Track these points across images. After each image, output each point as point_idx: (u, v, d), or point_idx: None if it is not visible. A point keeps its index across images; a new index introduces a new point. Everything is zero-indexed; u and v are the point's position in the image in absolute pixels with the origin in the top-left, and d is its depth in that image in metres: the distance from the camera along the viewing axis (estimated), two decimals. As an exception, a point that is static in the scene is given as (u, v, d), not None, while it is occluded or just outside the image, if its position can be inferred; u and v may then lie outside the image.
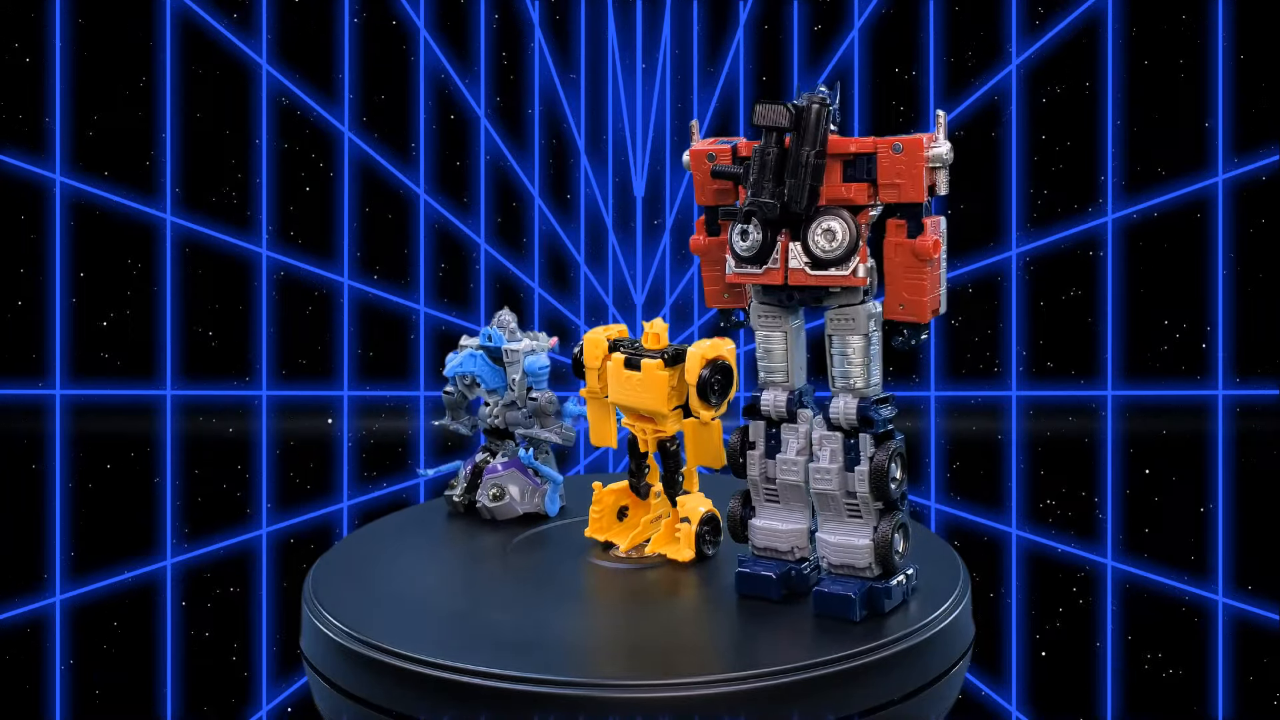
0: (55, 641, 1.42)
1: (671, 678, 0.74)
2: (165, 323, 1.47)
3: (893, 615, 0.82)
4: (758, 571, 0.85)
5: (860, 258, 0.79)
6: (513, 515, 1.06)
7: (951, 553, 0.97)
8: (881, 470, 0.80)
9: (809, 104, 0.78)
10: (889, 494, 0.81)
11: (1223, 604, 1.43)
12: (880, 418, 0.82)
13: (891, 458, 0.81)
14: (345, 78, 1.50)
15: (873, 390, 0.83)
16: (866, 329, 0.82)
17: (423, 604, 0.87)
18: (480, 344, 1.06)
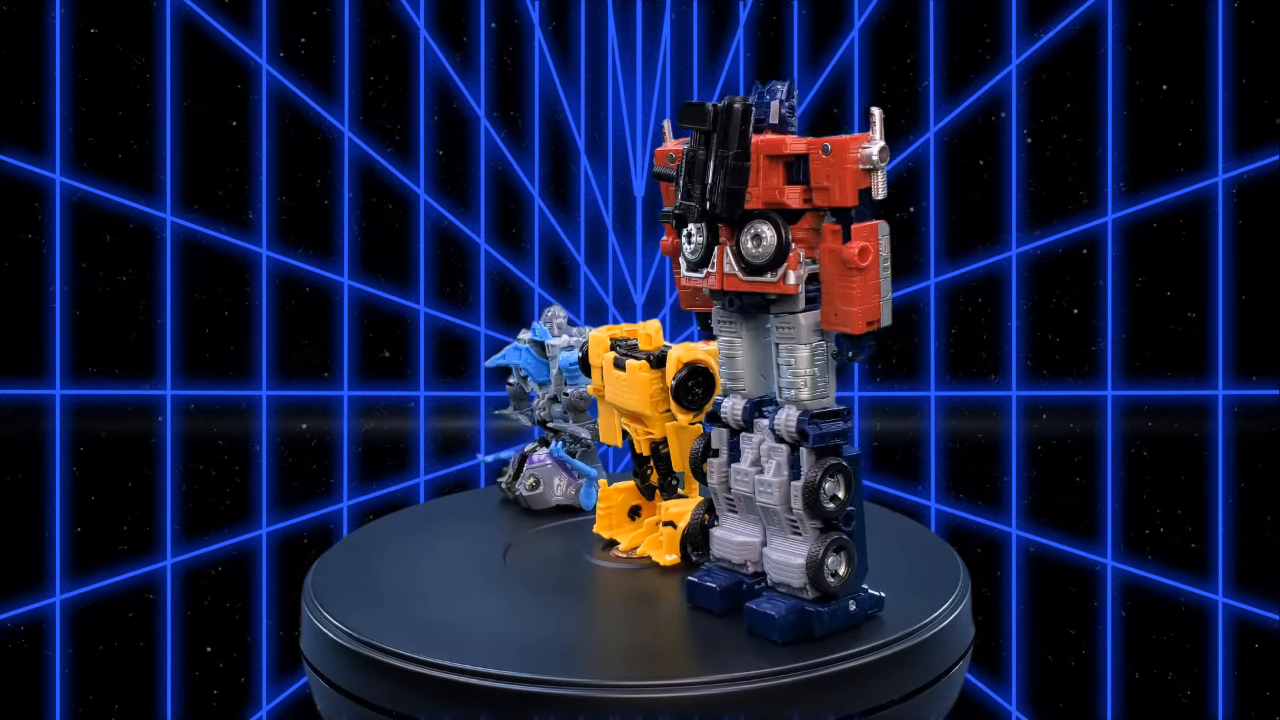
0: (55, 641, 1.42)
1: (671, 678, 0.74)
2: (165, 323, 1.47)
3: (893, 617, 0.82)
4: (704, 581, 0.84)
5: (790, 264, 0.76)
6: (546, 505, 1.07)
7: (951, 553, 0.97)
8: (812, 486, 0.76)
9: (729, 104, 0.75)
10: (823, 512, 0.77)
11: (1223, 604, 1.43)
12: (817, 431, 0.77)
13: (828, 474, 0.77)
14: (345, 78, 1.50)
15: (819, 402, 0.78)
16: (810, 339, 0.77)
17: (423, 604, 0.87)
18: (530, 338, 1.08)
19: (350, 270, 1.51)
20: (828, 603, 0.79)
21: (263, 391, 1.49)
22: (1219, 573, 1.44)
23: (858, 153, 0.74)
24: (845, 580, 0.79)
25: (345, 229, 1.51)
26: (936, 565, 0.93)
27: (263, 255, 1.49)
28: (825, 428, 0.77)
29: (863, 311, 0.75)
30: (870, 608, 0.81)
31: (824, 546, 0.77)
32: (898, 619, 0.81)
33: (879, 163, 0.75)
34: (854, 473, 0.78)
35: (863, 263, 0.75)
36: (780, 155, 0.76)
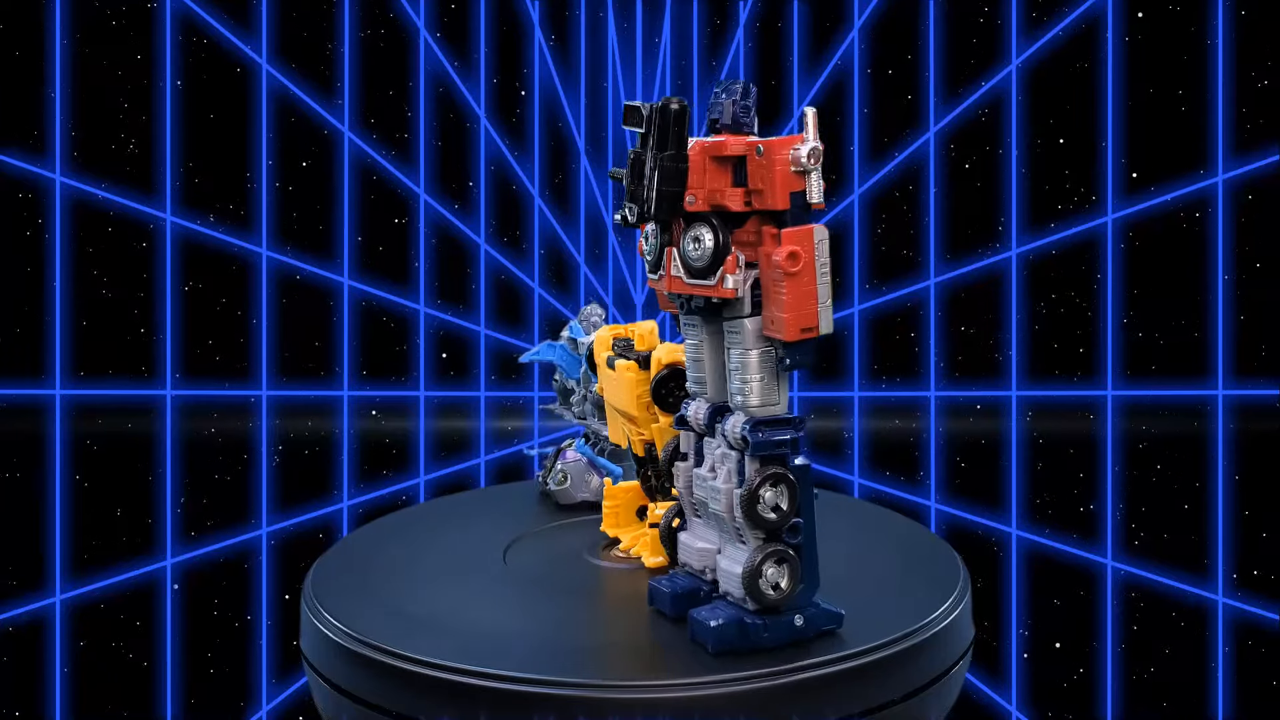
0: (55, 641, 1.42)
1: (671, 678, 0.74)
2: (165, 323, 1.47)
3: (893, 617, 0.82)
4: (660, 585, 0.83)
5: (727, 268, 0.74)
6: (572, 501, 1.07)
7: (951, 553, 0.97)
8: (749, 494, 0.75)
9: (664, 104, 0.74)
10: (761, 521, 0.75)
11: (1223, 604, 1.43)
12: (758, 439, 0.75)
13: (769, 482, 0.75)
14: (345, 78, 1.50)
15: (767, 410, 0.76)
16: (756, 344, 0.75)
17: (422, 604, 0.87)
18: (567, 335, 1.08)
19: (350, 270, 1.51)
20: (769, 615, 0.77)
21: (263, 391, 1.49)
22: (1219, 573, 1.44)
23: (788, 154, 0.73)
24: (788, 594, 0.76)
25: (345, 229, 1.51)
26: (936, 565, 0.93)
27: (263, 255, 1.49)
28: (770, 435, 0.75)
29: (796, 318, 0.73)
30: (824, 624, 0.78)
31: (762, 557, 0.76)
32: (898, 619, 0.81)
33: (809, 165, 0.73)
34: (800, 484, 0.76)
35: (792, 268, 0.72)
36: (723, 156, 0.75)
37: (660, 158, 0.74)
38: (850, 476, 1.54)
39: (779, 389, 0.76)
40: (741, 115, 0.76)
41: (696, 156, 0.75)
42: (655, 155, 0.75)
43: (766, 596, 0.76)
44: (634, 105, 0.76)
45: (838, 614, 0.79)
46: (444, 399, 1.54)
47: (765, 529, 0.76)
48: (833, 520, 1.07)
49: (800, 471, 0.76)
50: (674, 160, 0.75)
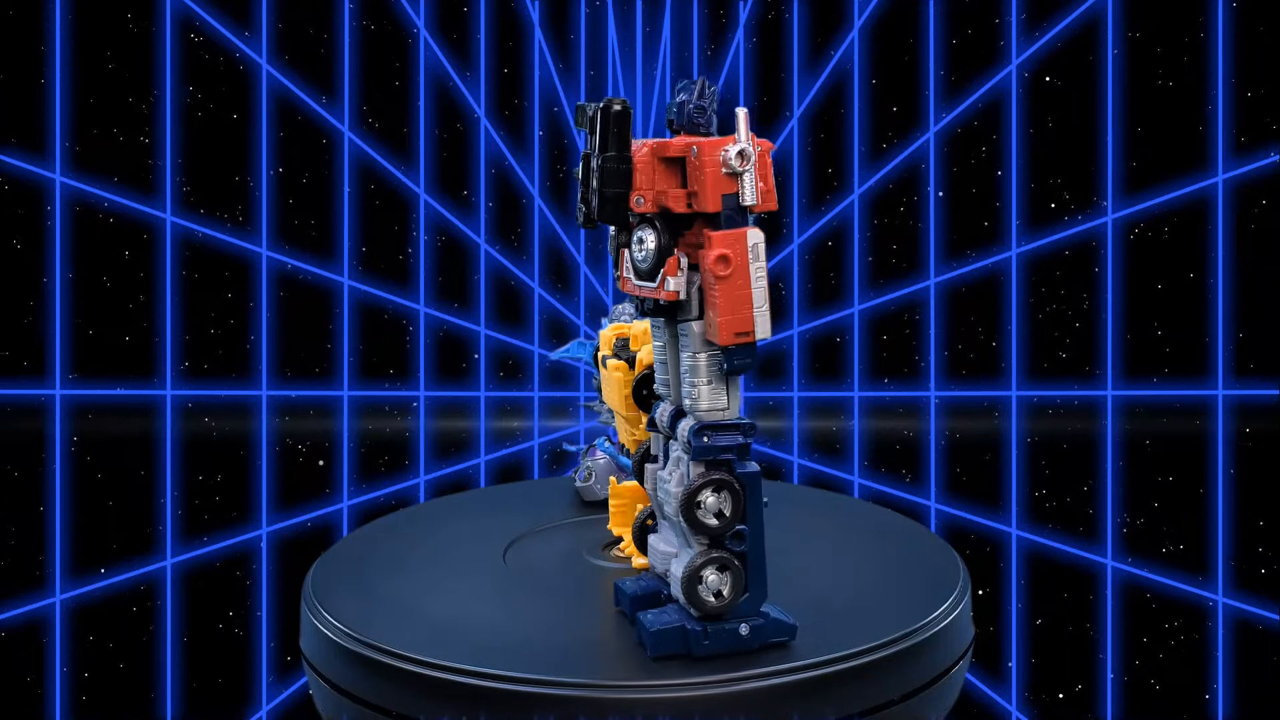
0: (55, 641, 1.42)
1: (671, 678, 0.74)
2: (165, 323, 1.47)
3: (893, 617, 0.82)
4: (623, 585, 0.83)
5: (668, 270, 0.74)
6: (595, 498, 1.08)
7: (951, 553, 0.97)
8: (686, 497, 0.74)
9: (606, 105, 0.74)
10: (700, 525, 0.75)
11: (1223, 604, 1.43)
12: (700, 444, 0.74)
13: (709, 487, 0.74)
14: (345, 78, 1.50)
15: (715, 414, 0.75)
16: (703, 348, 0.74)
17: (422, 604, 0.87)
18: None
19: (350, 270, 1.51)
20: (712, 623, 0.76)
21: (263, 391, 1.49)
22: (1219, 573, 1.44)
23: (719, 156, 0.72)
24: (730, 602, 0.76)
25: (345, 229, 1.51)
26: (936, 565, 0.93)
27: (263, 255, 1.49)
28: (715, 440, 0.74)
29: (730, 322, 0.72)
30: (773, 635, 0.77)
31: (702, 562, 0.75)
32: (898, 619, 0.81)
33: (738, 166, 0.72)
34: (746, 491, 0.75)
35: (721, 271, 0.72)
36: (669, 157, 0.74)
37: (602, 159, 0.74)
38: (850, 476, 1.54)
39: (728, 393, 0.75)
40: (696, 115, 0.75)
41: (646, 157, 0.74)
42: (597, 157, 0.74)
43: (706, 603, 0.75)
44: (582, 106, 0.76)
45: (789, 625, 0.77)
46: (444, 399, 1.54)
47: (707, 534, 0.75)
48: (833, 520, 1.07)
49: (748, 478, 0.75)
50: (615, 162, 0.74)
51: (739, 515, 0.75)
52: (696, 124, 0.75)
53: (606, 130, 0.74)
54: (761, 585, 0.77)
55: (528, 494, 1.16)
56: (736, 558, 0.76)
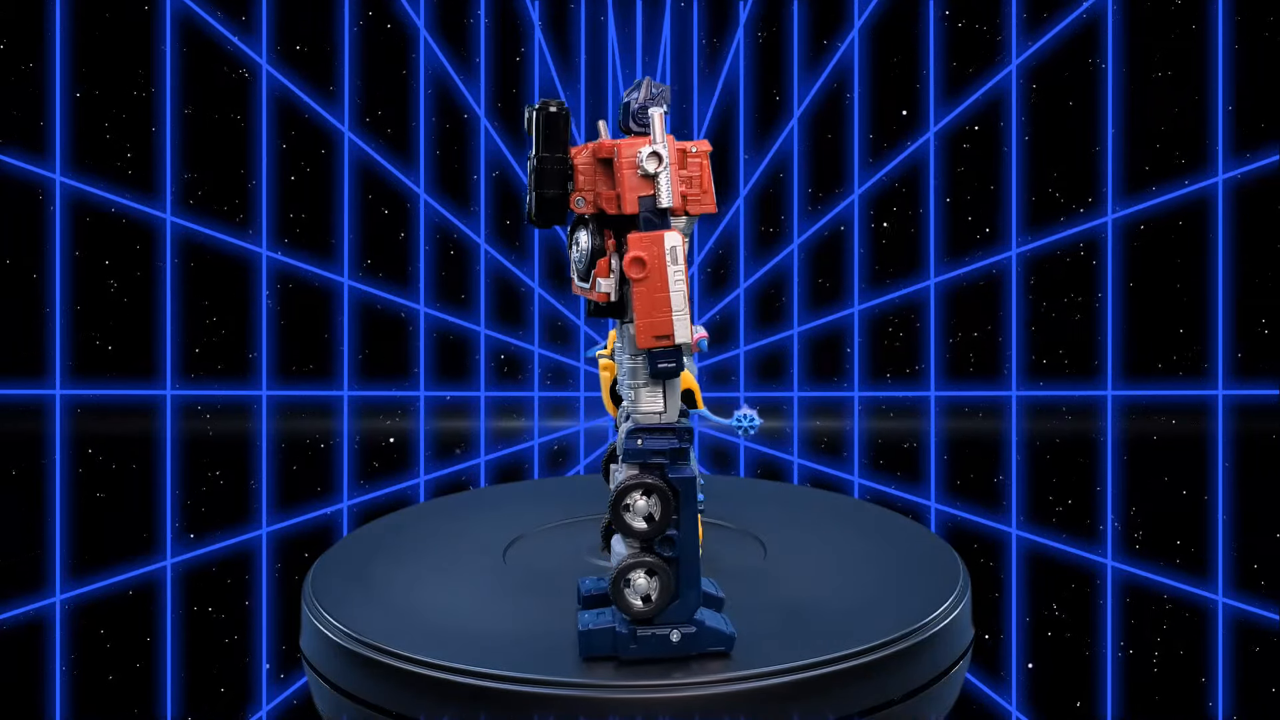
0: (55, 641, 1.42)
1: (671, 678, 0.74)
2: (165, 323, 1.47)
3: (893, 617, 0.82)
4: (584, 583, 0.83)
5: (598, 272, 0.74)
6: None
7: (951, 553, 0.97)
8: (615, 499, 0.74)
9: (542, 106, 0.73)
10: (628, 528, 0.75)
11: (1223, 604, 1.43)
12: (631, 446, 0.74)
13: (639, 490, 0.74)
14: (345, 78, 1.50)
15: (650, 417, 0.75)
16: (637, 350, 0.75)
17: (422, 604, 0.87)
18: None
19: (350, 270, 1.51)
20: (642, 627, 0.76)
21: (263, 391, 1.49)
22: (1219, 573, 1.44)
23: (633, 158, 0.72)
24: (657, 607, 0.75)
25: (345, 229, 1.51)
26: (936, 565, 0.94)
27: (263, 255, 1.49)
28: (648, 443, 0.74)
29: (647, 325, 0.72)
30: (709, 644, 0.76)
31: (629, 565, 0.75)
32: (898, 619, 0.81)
33: (650, 168, 0.72)
34: (677, 496, 0.75)
35: (637, 274, 0.72)
36: (604, 159, 0.74)
37: (537, 160, 0.74)
38: (850, 476, 1.54)
39: (663, 396, 0.75)
40: (640, 115, 0.75)
41: (587, 159, 0.74)
42: (532, 158, 0.74)
43: (632, 606, 0.75)
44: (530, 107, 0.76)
45: (727, 635, 0.77)
46: (444, 399, 1.54)
47: (637, 538, 0.75)
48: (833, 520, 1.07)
49: (681, 483, 0.75)
50: (549, 163, 0.74)
51: (669, 520, 0.75)
52: (643, 124, 0.75)
53: (541, 132, 0.74)
54: (694, 593, 0.76)
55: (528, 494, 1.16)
56: (667, 563, 0.75)
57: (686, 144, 0.74)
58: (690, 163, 0.74)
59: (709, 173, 0.74)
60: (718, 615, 0.78)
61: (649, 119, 0.74)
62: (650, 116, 0.72)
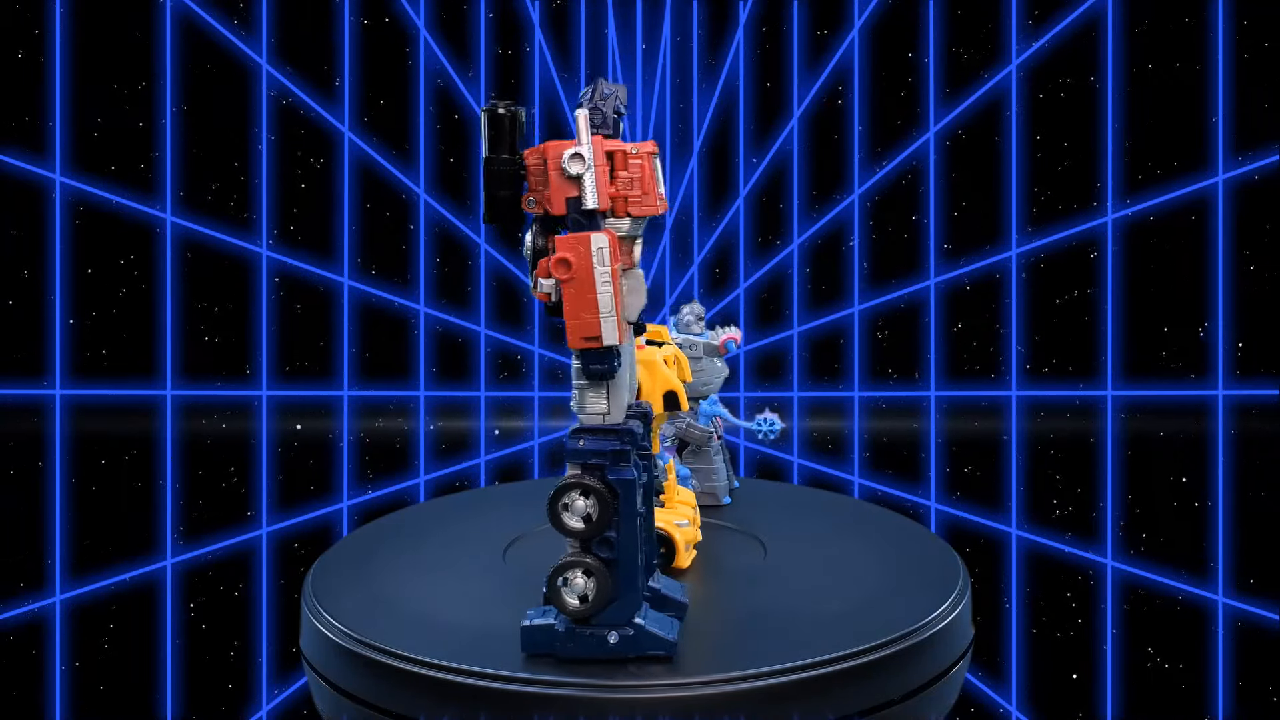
0: (55, 641, 1.42)
1: (671, 678, 0.74)
2: (165, 323, 1.47)
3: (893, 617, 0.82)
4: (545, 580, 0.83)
5: (539, 272, 0.73)
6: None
7: (951, 553, 0.97)
8: (551, 498, 0.74)
9: (491, 109, 0.74)
10: (562, 526, 0.75)
11: (1223, 604, 1.43)
12: (571, 446, 0.74)
13: (574, 490, 0.74)
14: (345, 78, 1.50)
15: (592, 418, 0.75)
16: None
17: (422, 604, 0.87)
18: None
19: (350, 270, 1.51)
20: (579, 626, 0.76)
21: (263, 391, 1.49)
22: (1219, 573, 1.44)
23: (559, 159, 0.72)
24: (594, 608, 0.75)
25: (345, 229, 1.51)
26: (936, 565, 0.93)
27: (263, 255, 1.49)
28: (589, 444, 0.75)
29: (575, 326, 0.72)
30: (648, 648, 0.76)
31: (565, 564, 0.75)
32: (898, 619, 0.81)
33: (571, 170, 0.72)
34: (615, 498, 0.74)
35: (563, 275, 0.72)
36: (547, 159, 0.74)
37: (487, 160, 0.74)
38: (850, 476, 1.54)
39: (605, 397, 0.75)
40: (592, 116, 0.75)
41: (537, 160, 0.75)
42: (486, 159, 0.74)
43: (568, 605, 0.75)
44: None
45: (667, 641, 0.76)
46: (444, 399, 1.54)
47: (575, 538, 0.75)
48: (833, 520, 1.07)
49: (621, 485, 0.74)
50: (497, 164, 0.74)
51: (607, 522, 0.75)
52: (593, 125, 0.75)
53: (487, 133, 0.74)
54: (632, 595, 0.76)
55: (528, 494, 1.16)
56: (605, 564, 0.75)
57: (628, 144, 0.75)
58: (631, 164, 0.74)
59: (651, 173, 0.74)
60: (667, 620, 0.78)
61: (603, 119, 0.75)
62: (576, 118, 0.72)
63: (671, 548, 0.92)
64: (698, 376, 1.07)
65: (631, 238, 0.77)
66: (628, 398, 0.77)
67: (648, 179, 0.74)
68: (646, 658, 0.77)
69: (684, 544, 0.92)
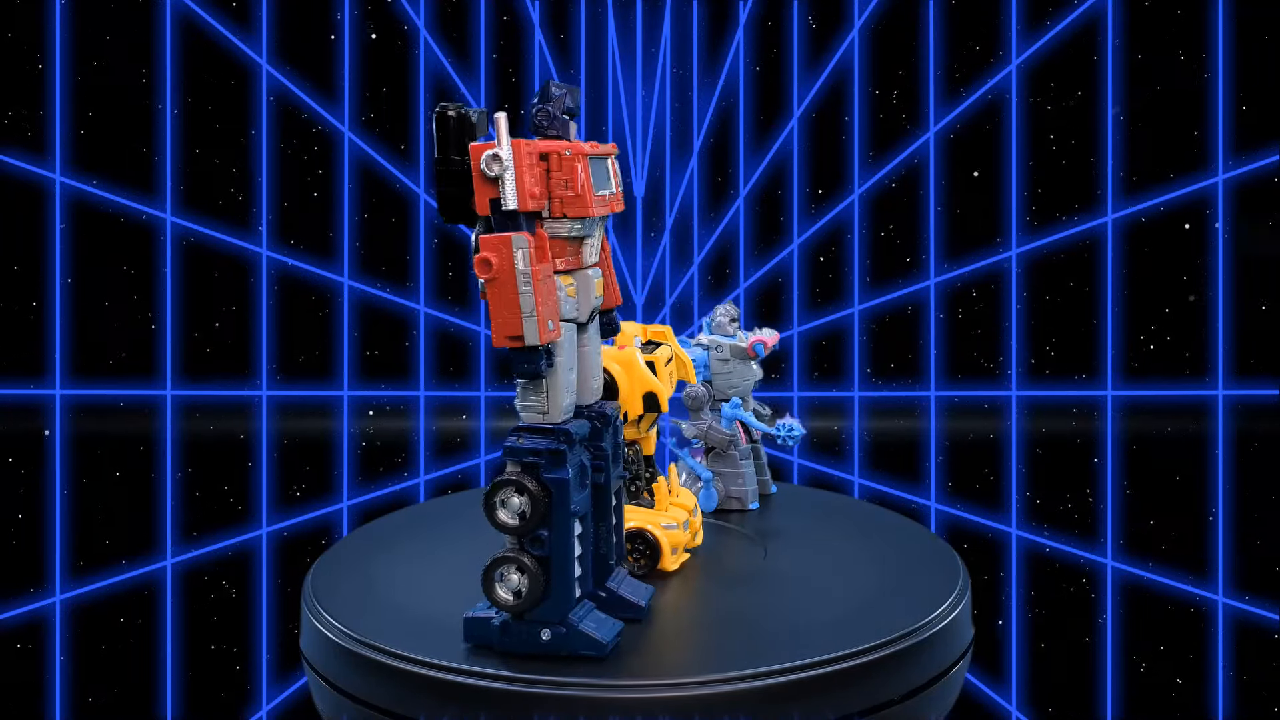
0: (55, 641, 1.42)
1: (671, 678, 0.74)
2: (165, 323, 1.47)
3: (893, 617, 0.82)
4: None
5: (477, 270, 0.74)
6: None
7: (951, 553, 0.97)
8: (486, 494, 0.75)
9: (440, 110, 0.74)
10: (495, 520, 0.75)
11: (1223, 604, 1.43)
12: (512, 444, 0.75)
13: (508, 486, 0.75)
14: (345, 78, 1.50)
15: (531, 416, 0.76)
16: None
17: (422, 604, 0.87)
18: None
19: (350, 270, 1.51)
20: (515, 621, 0.77)
21: (263, 391, 1.49)
22: (1219, 573, 1.44)
23: (478, 161, 0.73)
24: (526, 604, 0.76)
25: (345, 229, 1.51)
26: (936, 565, 0.93)
27: (263, 255, 1.49)
28: (527, 442, 0.75)
29: (499, 325, 0.73)
30: (579, 648, 0.76)
31: (498, 559, 0.76)
32: (898, 619, 0.81)
33: (489, 171, 0.73)
34: (547, 497, 0.75)
35: (484, 275, 0.72)
36: None
37: (436, 162, 0.75)
38: (850, 476, 1.54)
39: (543, 397, 0.76)
40: (538, 118, 0.76)
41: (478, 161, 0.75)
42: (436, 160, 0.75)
43: (499, 599, 0.76)
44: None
45: (599, 643, 0.76)
46: (444, 399, 1.54)
47: (509, 534, 0.76)
48: (833, 520, 1.07)
49: (554, 484, 0.75)
50: (444, 164, 0.74)
51: (538, 520, 0.75)
52: (540, 127, 0.76)
53: (435, 133, 0.74)
54: (564, 594, 0.76)
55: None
56: (539, 562, 0.76)
57: (560, 146, 0.75)
58: (566, 165, 0.74)
59: (580, 175, 0.75)
60: (608, 622, 0.78)
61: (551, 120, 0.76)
62: (494, 120, 0.73)
63: (656, 549, 0.91)
64: (724, 379, 1.07)
65: (578, 238, 0.77)
66: (570, 399, 0.77)
67: (580, 180, 0.75)
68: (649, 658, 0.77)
69: (670, 547, 0.91)
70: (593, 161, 0.77)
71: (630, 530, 0.90)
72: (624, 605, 0.81)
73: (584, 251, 0.78)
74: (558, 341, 0.75)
